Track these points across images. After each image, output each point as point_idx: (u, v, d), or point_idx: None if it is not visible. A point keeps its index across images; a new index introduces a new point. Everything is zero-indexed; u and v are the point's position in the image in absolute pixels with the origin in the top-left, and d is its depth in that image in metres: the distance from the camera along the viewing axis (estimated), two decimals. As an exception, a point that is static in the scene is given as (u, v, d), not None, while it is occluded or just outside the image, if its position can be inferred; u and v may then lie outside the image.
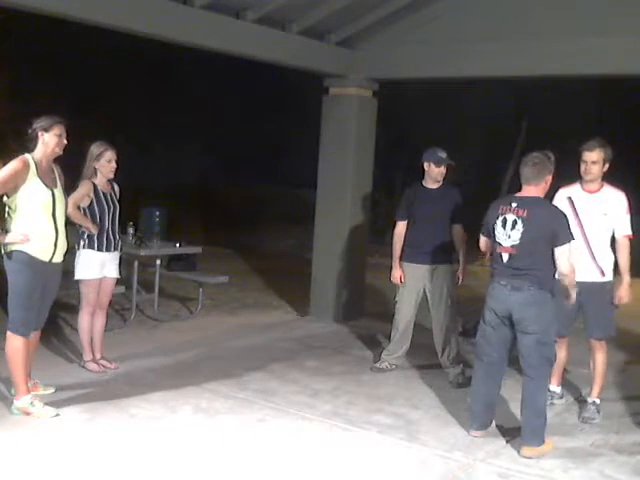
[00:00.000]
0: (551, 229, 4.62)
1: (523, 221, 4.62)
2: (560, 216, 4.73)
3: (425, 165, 6.20)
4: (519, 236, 4.62)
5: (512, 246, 4.66)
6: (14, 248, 4.82)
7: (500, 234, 4.72)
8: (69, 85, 16.90)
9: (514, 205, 4.69)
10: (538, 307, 4.65)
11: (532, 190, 4.72)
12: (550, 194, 5.17)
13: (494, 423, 5.08)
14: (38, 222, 4.86)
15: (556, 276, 4.71)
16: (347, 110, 8.19)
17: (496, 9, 7.29)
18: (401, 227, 6.35)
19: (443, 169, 6.17)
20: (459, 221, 6.24)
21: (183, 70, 17.58)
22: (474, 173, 15.40)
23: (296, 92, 13.89)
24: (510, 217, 4.68)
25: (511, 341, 4.83)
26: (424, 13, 7.61)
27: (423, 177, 6.28)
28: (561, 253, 4.60)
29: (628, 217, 5.36)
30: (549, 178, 4.79)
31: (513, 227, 4.65)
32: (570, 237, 4.64)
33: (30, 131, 4.88)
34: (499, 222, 4.73)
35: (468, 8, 7.43)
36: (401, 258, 6.32)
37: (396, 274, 6.32)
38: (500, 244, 4.73)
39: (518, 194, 4.78)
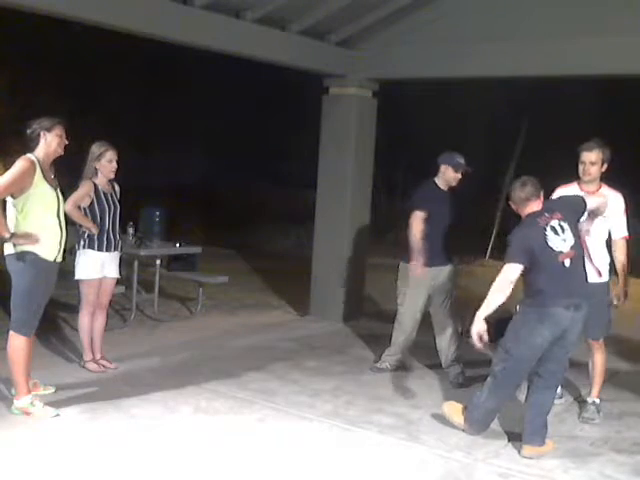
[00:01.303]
0: (580, 211, 4.90)
1: (565, 221, 4.70)
2: (574, 197, 5.04)
3: (442, 167, 6.14)
4: (571, 235, 4.70)
5: (571, 247, 4.68)
6: (24, 249, 4.81)
7: (557, 242, 4.65)
8: (69, 85, 16.89)
9: (547, 214, 4.73)
10: (584, 323, 4.72)
11: (536, 204, 4.77)
12: (548, 194, 5.18)
13: (496, 421, 5.07)
14: (46, 222, 4.87)
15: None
16: (347, 110, 8.19)
17: (496, 9, 7.29)
18: (422, 218, 6.00)
19: (459, 174, 6.16)
20: (453, 222, 6.29)
21: (183, 70, 17.58)
22: (474, 174, 15.40)
23: (296, 92, 13.89)
24: (555, 222, 4.69)
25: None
26: (424, 13, 7.62)
27: (436, 177, 6.20)
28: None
29: (625, 218, 5.37)
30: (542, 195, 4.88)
31: (563, 230, 4.69)
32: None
33: (30, 131, 4.88)
34: (549, 231, 4.65)
35: (468, 8, 7.43)
36: (409, 260, 6.14)
37: (418, 270, 6.00)
38: (561, 252, 4.65)
39: (536, 210, 4.76)
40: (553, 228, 4.68)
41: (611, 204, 5.33)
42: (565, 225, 4.70)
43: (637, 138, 13.77)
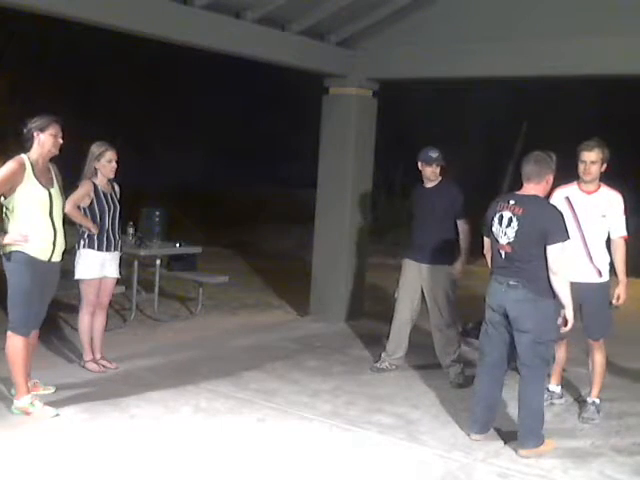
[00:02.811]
0: (544, 227, 4.59)
1: (518, 219, 4.62)
2: (555, 214, 4.70)
3: (419, 165, 6.26)
4: (514, 234, 4.64)
5: (508, 244, 4.67)
6: (13, 249, 4.82)
7: (497, 231, 4.74)
8: (69, 85, 16.89)
9: (512, 202, 4.71)
10: (533, 305, 4.63)
11: (532, 188, 4.71)
12: (547, 194, 5.17)
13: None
14: (36, 222, 4.86)
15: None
16: (347, 110, 8.19)
17: (496, 9, 7.28)
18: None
19: (435, 168, 6.19)
20: (461, 216, 6.23)
21: (183, 70, 17.59)
22: (474, 173, 15.42)
23: (296, 92, 13.89)
24: (506, 214, 4.68)
25: (511, 341, 4.82)
26: (424, 13, 7.61)
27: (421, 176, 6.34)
28: (552, 252, 4.57)
29: (624, 218, 5.36)
30: (550, 178, 4.77)
31: (509, 225, 4.66)
32: (564, 236, 4.60)
33: (25, 131, 4.87)
34: (496, 219, 4.75)
35: (468, 8, 7.43)
36: (403, 255, 6.45)
37: None
38: (497, 241, 4.74)
39: (518, 192, 4.79)
40: (500, 217, 4.72)
41: (611, 204, 5.34)
42: (515, 221, 4.63)
43: (637, 138, 13.78)
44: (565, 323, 4.69)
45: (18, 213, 4.83)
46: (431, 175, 6.22)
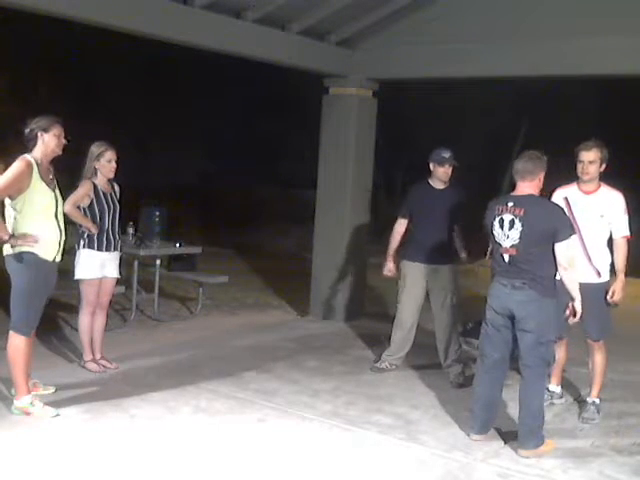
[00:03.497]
0: (550, 226, 4.61)
1: (521, 220, 4.61)
2: (558, 211, 4.75)
3: (430, 165, 6.21)
4: (518, 235, 4.62)
5: (512, 246, 4.65)
6: (24, 249, 4.81)
7: (499, 235, 4.71)
8: (69, 85, 16.89)
9: (510, 204, 4.68)
10: (538, 306, 4.64)
11: (527, 187, 4.71)
12: (547, 195, 5.17)
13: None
14: (43, 223, 4.86)
15: (557, 276, 4.71)
16: (347, 110, 8.19)
17: (496, 9, 7.29)
18: (400, 224, 6.41)
19: (447, 169, 6.17)
20: (460, 221, 6.24)
21: (183, 70, 17.58)
22: (474, 173, 15.42)
23: (296, 92, 13.89)
24: (507, 217, 4.67)
25: (512, 341, 4.82)
26: (424, 13, 7.62)
27: (430, 176, 6.28)
28: (561, 248, 4.59)
29: (626, 218, 5.35)
30: (542, 175, 4.78)
31: (511, 227, 4.64)
32: (570, 231, 4.65)
33: (28, 131, 4.87)
34: (497, 223, 4.71)
35: (468, 8, 7.43)
36: (404, 256, 6.36)
37: (389, 266, 6.37)
38: (500, 245, 4.72)
39: (513, 193, 4.78)
40: (501, 221, 4.68)
41: (610, 204, 5.33)
42: (518, 223, 4.62)
43: (637, 138, 13.77)
44: (574, 314, 4.72)
45: (26, 214, 4.81)
46: (443, 176, 6.19)
